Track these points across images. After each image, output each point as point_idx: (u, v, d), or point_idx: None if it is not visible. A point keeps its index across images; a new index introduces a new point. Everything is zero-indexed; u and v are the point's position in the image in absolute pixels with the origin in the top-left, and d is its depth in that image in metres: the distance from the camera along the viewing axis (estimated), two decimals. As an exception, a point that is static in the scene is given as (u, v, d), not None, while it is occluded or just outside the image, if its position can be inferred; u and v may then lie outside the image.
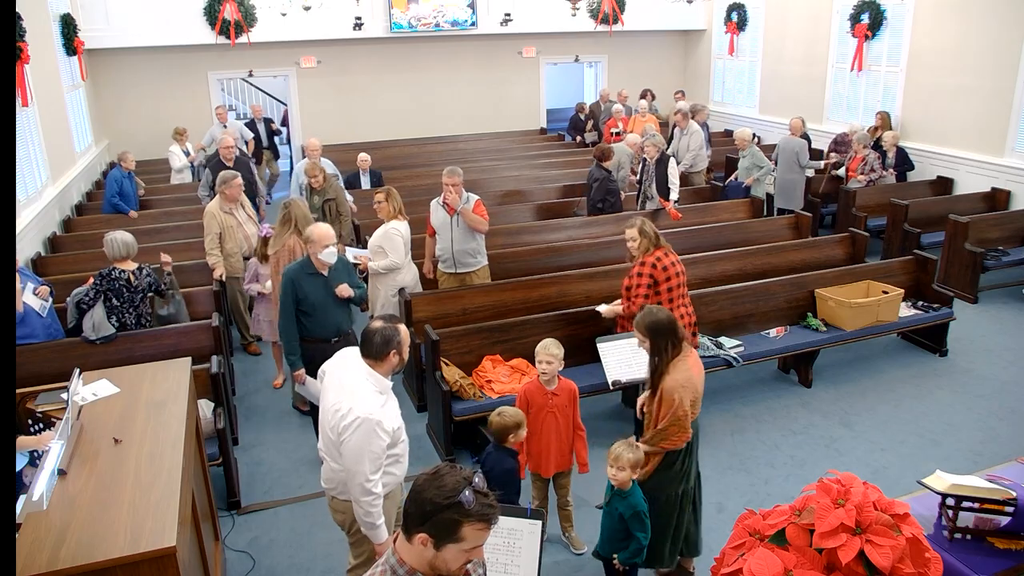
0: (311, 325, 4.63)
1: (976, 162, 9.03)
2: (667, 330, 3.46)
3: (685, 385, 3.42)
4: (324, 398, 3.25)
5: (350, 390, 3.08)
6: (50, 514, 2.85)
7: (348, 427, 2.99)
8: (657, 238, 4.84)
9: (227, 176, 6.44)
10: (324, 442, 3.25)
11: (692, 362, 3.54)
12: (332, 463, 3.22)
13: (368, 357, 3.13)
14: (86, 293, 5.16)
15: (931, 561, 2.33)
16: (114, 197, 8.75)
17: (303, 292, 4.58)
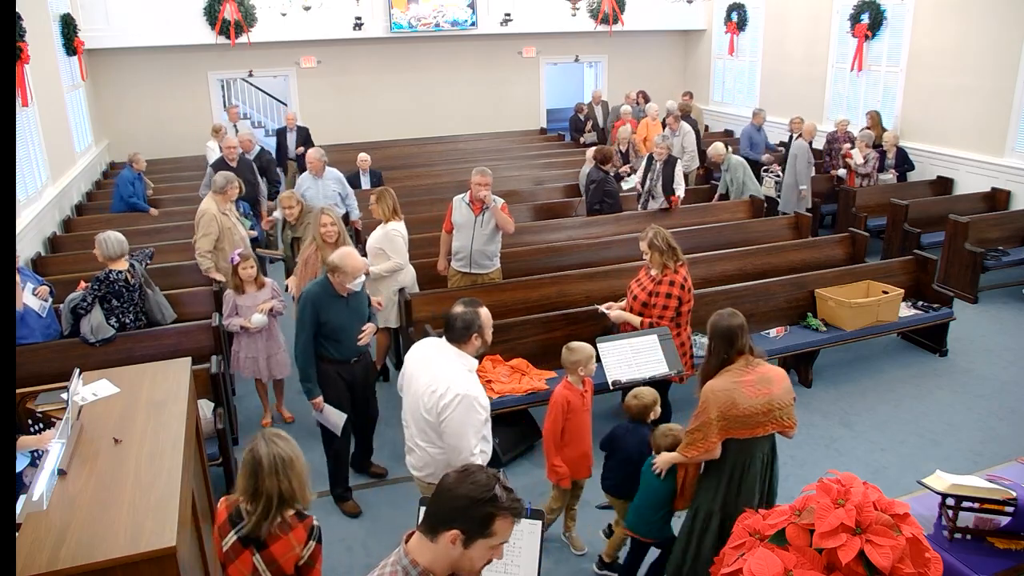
0: (333, 347, 4.39)
1: (976, 162, 9.03)
2: (724, 336, 3.37)
3: (718, 393, 3.26)
4: (414, 383, 3.31)
5: (443, 371, 3.17)
6: (50, 514, 2.85)
7: (448, 405, 3.08)
8: (674, 252, 4.71)
9: (230, 177, 6.39)
10: (416, 428, 3.32)
11: (746, 380, 3.27)
12: (428, 447, 3.28)
13: (452, 341, 3.24)
14: (82, 298, 5.11)
15: (931, 561, 2.33)
16: (131, 197, 8.82)
17: (326, 315, 4.30)
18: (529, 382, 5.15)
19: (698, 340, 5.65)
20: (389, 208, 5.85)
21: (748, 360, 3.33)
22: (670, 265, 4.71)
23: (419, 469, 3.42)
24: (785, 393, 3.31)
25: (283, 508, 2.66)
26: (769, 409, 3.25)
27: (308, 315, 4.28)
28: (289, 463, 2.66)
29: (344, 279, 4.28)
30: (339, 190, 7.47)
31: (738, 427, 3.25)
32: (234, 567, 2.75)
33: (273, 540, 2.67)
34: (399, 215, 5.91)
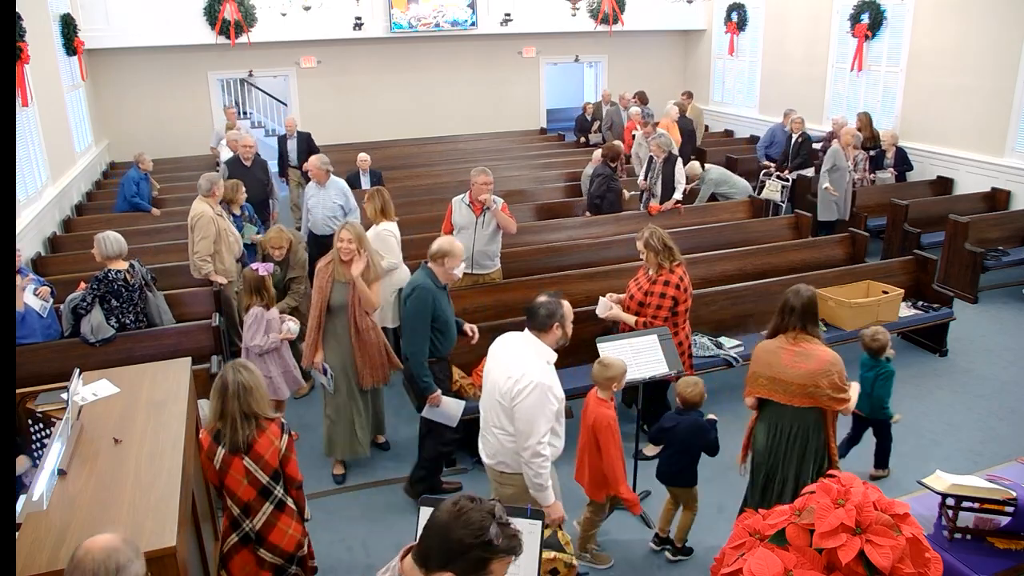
0: (439, 342, 4.31)
1: (976, 162, 9.03)
2: (780, 308, 3.67)
3: (760, 352, 3.69)
4: (493, 370, 3.37)
5: (521, 358, 3.24)
6: (50, 514, 2.85)
7: (522, 391, 3.13)
8: (670, 251, 4.72)
9: (214, 178, 6.30)
10: (492, 415, 3.36)
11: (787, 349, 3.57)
12: (500, 434, 3.33)
13: (533, 329, 3.30)
14: (82, 298, 5.11)
15: (931, 561, 2.33)
16: (134, 197, 8.82)
17: (439, 308, 4.22)
18: (529, 382, 5.14)
19: (697, 340, 5.66)
20: (377, 208, 5.82)
21: (797, 334, 3.59)
22: (666, 265, 4.72)
23: (490, 456, 3.45)
24: (823, 376, 3.48)
25: (248, 422, 3.16)
26: (805, 384, 3.49)
27: (427, 308, 4.16)
28: (249, 390, 3.15)
29: (452, 264, 4.26)
30: (340, 202, 7.05)
31: (776, 390, 3.58)
32: (230, 477, 3.18)
33: (255, 441, 3.17)
34: (388, 216, 5.84)
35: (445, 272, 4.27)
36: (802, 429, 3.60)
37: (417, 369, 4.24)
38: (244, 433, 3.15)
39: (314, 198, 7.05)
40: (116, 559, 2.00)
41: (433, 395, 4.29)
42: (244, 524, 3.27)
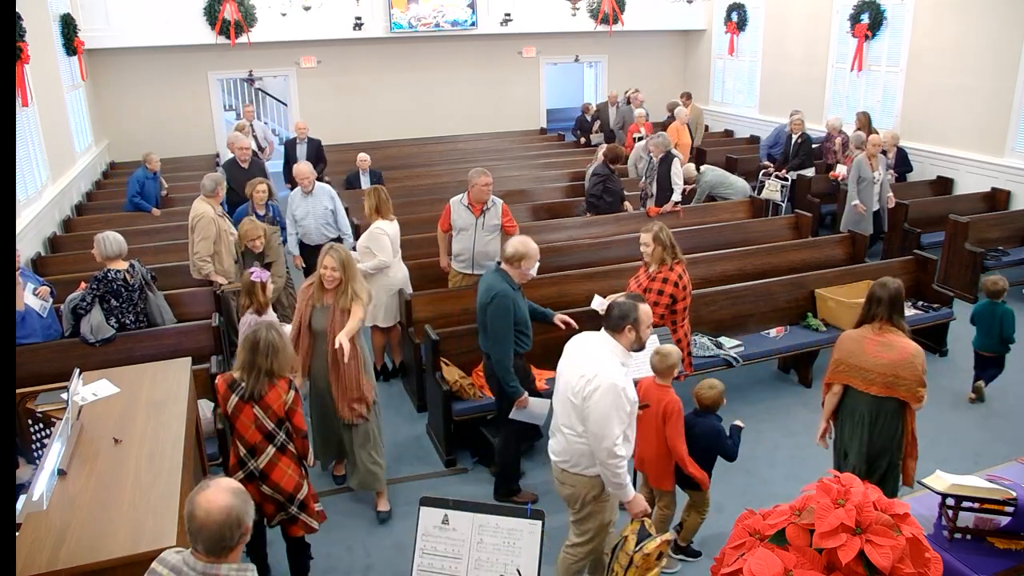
0: (523, 342, 4.39)
1: (976, 162, 9.03)
2: (868, 298, 3.87)
3: (844, 340, 3.91)
4: (566, 370, 3.37)
5: (596, 357, 3.24)
6: (50, 514, 2.85)
7: (596, 391, 3.13)
8: (674, 249, 4.76)
9: (218, 178, 6.30)
10: (563, 414, 3.36)
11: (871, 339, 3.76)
12: (569, 433, 3.32)
13: (608, 329, 3.32)
14: (82, 298, 5.10)
15: (931, 561, 2.33)
16: (135, 196, 8.77)
17: (518, 310, 4.28)
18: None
19: (697, 340, 5.66)
20: (372, 207, 5.82)
21: (882, 325, 3.76)
22: (667, 261, 4.73)
23: (558, 455, 3.45)
24: (905, 367, 3.64)
25: (267, 378, 3.52)
26: (883, 372, 3.67)
27: (509, 313, 4.21)
28: (277, 350, 3.52)
29: (529, 265, 4.29)
30: (331, 207, 6.81)
31: (855, 376, 3.77)
32: (240, 421, 3.57)
33: (265, 394, 3.54)
34: (383, 214, 5.82)
35: (521, 273, 4.32)
36: (879, 417, 3.75)
37: (503, 374, 4.28)
38: (259, 386, 3.53)
39: (302, 207, 6.71)
40: (236, 515, 2.17)
41: (521, 399, 4.32)
42: (250, 463, 3.62)
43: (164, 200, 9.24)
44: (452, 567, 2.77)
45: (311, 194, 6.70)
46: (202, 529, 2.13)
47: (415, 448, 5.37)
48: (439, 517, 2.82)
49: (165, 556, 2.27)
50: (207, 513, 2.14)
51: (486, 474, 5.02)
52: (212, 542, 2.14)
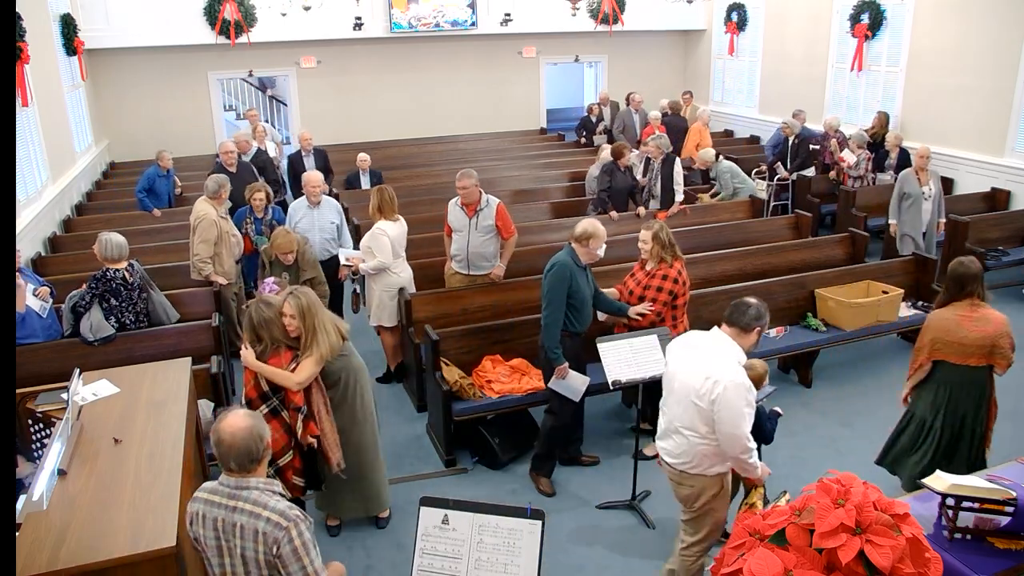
0: (576, 319, 4.53)
1: (976, 162, 9.03)
2: (955, 279, 4.08)
3: (937, 321, 4.12)
4: (683, 370, 3.38)
5: (718, 358, 3.27)
6: (50, 514, 2.85)
7: (724, 392, 3.16)
8: (673, 247, 4.80)
9: (221, 180, 6.30)
10: (683, 413, 3.36)
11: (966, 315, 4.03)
12: (691, 435, 3.34)
13: (735, 326, 3.33)
14: (81, 296, 5.12)
15: (931, 561, 2.33)
16: (141, 192, 8.73)
17: (576, 285, 4.45)
18: (529, 382, 5.15)
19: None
20: (374, 207, 5.81)
21: (973, 302, 4.03)
22: (667, 259, 4.75)
23: (675, 456, 3.47)
24: (1003, 336, 4.01)
25: (274, 343, 3.83)
26: (983, 344, 3.99)
27: (564, 282, 4.38)
28: (269, 322, 3.84)
29: (596, 245, 4.45)
30: (337, 221, 6.49)
31: (951, 352, 4.05)
32: (245, 374, 3.88)
33: (268, 360, 3.83)
34: (384, 214, 5.78)
35: (588, 252, 4.48)
36: (971, 386, 4.12)
37: (549, 341, 4.45)
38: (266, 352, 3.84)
39: (307, 219, 6.33)
40: (257, 431, 2.48)
41: (561, 366, 4.44)
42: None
43: (178, 199, 9.20)
44: (452, 567, 2.77)
45: (318, 206, 6.36)
46: (231, 449, 2.42)
47: (415, 448, 5.37)
48: (439, 517, 2.82)
49: (201, 488, 2.57)
50: (232, 435, 2.42)
51: (486, 474, 5.02)
52: (243, 458, 2.44)
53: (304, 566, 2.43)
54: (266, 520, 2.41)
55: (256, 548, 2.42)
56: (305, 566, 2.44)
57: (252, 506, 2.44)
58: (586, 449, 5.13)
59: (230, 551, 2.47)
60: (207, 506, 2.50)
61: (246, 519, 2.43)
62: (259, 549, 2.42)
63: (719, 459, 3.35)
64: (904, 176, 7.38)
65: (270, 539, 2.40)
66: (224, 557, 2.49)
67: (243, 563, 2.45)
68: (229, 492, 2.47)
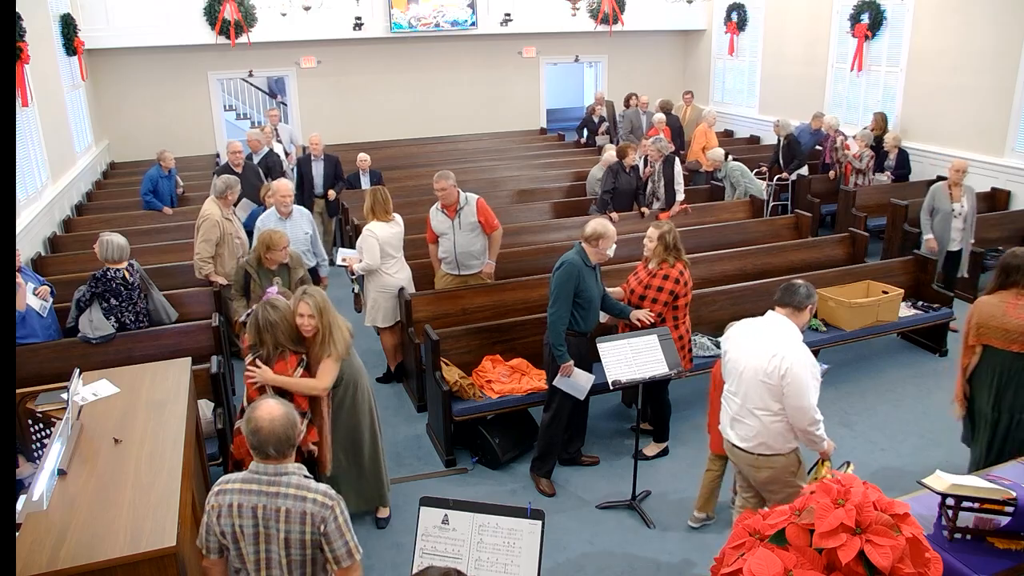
0: (582, 318, 4.54)
1: (976, 162, 9.01)
2: (1003, 268, 4.18)
3: (982, 306, 4.22)
4: (746, 354, 3.53)
5: (780, 338, 3.45)
6: (50, 514, 2.85)
7: (790, 368, 3.34)
8: (677, 250, 4.80)
9: (231, 181, 6.30)
10: (753, 395, 3.49)
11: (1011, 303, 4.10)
12: (763, 415, 3.48)
13: (789, 306, 3.53)
14: (84, 293, 5.15)
15: (931, 561, 2.33)
16: (147, 194, 8.74)
17: (584, 284, 4.46)
18: (529, 382, 5.15)
19: (697, 340, 5.66)
20: (368, 207, 5.79)
21: (1019, 292, 4.12)
22: (669, 260, 4.76)
23: (747, 440, 3.57)
24: None
25: (278, 348, 3.80)
26: None
27: (571, 281, 4.40)
28: (275, 325, 3.79)
29: (606, 245, 4.47)
30: (311, 231, 6.17)
31: (996, 337, 4.14)
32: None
33: (275, 364, 3.80)
34: (378, 216, 5.74)
35: (598, 253, 4.51)
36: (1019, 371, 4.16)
37: (555, 338, 4.46)
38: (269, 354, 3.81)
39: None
40: (292, 418, 2.60)
41: (566, 364, 4.46)
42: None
43: (181, 198, 9.20)
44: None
45: (289, 217, 5.95)
46: (271, 435, 2.50)
47: (415, 448, 5.37)
48: (439, 517, 2.82)
49: (224, 482, 2.60)
50: (271, 421, 2.51)
51: (486, 474, 5.02)
52: (282, 444, 2.53)
53: (347, 541, 2.57)
54: (312, 501, 2.51)
55: (303, 529, 2.51)
56: (348, 541, 2.57)
57: (296, 490, 2.52)
58: (586, 449, 5.13)
59: (268, 537, 2.53)
60: (243, 496, 2.53)
61: (291, 503, 2.51)
62: (306, 530, 2.51)
63: (792, 434, 3.52)
64: (934, 190, 6.93)
65: (317, 518, 2.51)
66: (261, 544, 2.55)
67: (285, 546, 2.53)
68: (269, 479, 2.53)
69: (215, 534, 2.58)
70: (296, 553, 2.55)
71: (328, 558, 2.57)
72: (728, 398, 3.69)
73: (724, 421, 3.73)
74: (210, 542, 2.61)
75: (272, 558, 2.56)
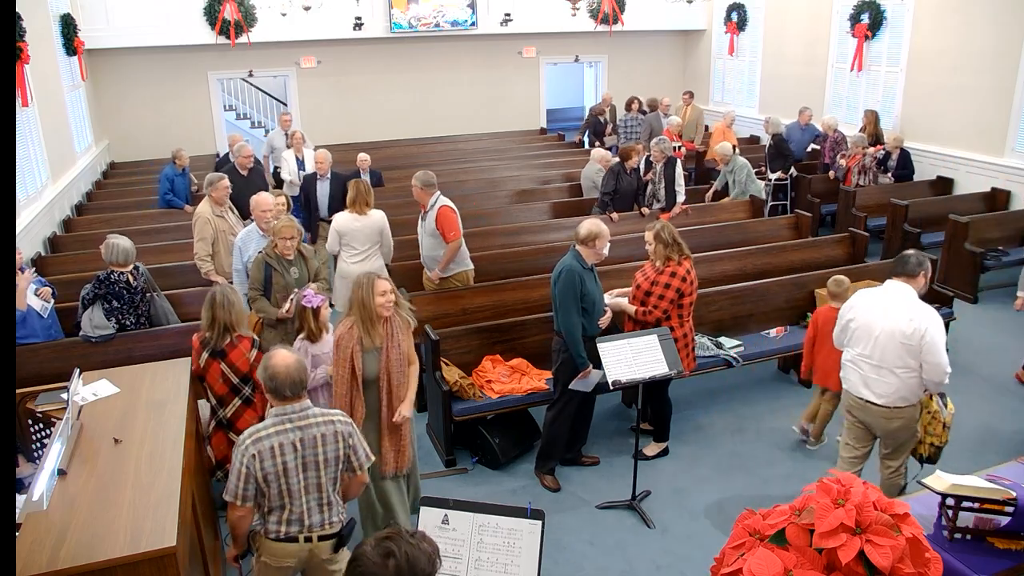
0: (587, 321, 4.53)
1: (976, 162, 9.03)
2: None
3: None
4: (879, 321, 3.85)
5: (912, 303, 3.82)
6: (50, 514, 2.85)
7: (928, 328, 3.73)
8: (679, 246, 4.81)
9: (213, 178, 6.24)
10: (893, 357, 3.82)
11: None
12: (903, 372, 3.84)
13: (903, 274, 3.89)
14: (88, 292, 5.16)
15: (931, 561, 2.33)
16: (167, 194, 8.83)
17: (586, 288, 4.46)
18: (529, 382, 5.15)
19: (697, 340, 5.65)
20: (350, 198, 5.93)
21: None
22: (673, 257, 4.77)
23: (885, 396, 3.90)
24: None
25: (229, 331, 4.02)
26: None
27: (575, 287, 4.42)
28: (231, 304, 4.02)
29: (602, 244, 4.48)
30: None
31: None
32: (210, 375, 4.07)
33: (231, 350, 4.08)
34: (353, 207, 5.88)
35: (595, 253, 4.52)
36: None
37: (575, 347, 4.48)
38: (223, 343, 4.05)
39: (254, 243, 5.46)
40: (302, 363, 2.99)
41: (586, 369, 4.51)
42: (219, 413, 4.19)
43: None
44: (452, 567, 2.77)
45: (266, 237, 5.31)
46: (287, 378, 2.88)
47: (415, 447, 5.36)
48: (439, 517, 2.82)
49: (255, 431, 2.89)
50: (286, 368, 2.89)
51: (486, 474, 5.02)
52: (297, 385, 2.92)
53: (365, 448, 3.08)
54: (338, 422, 2.98)
55: (337, 446, 2.96)
56: (365, 448, 3.08)
57: (322, 417, 2.96)
58: (586, 449, 5.13)
59: (306, 464, 2.91)
60: (280, 436, 2.87)
61: (324, 428, 2.94)
62: (339, 446, 2.97)
63: (922, 387, 3.92)
64: None
65: (344, 433, 2.98)
66: (300, 473, 2.91)
67: (324, 465, 2.94)
68: (299, 416, 2.92)
69: (256, 480, 2.85)
70: (331, 471, 2.97)
71: (354, 465, 3.03)
72: (858, 361, 3.98)
73: (854, 381, 4.01)
74: (247, 490, 2.86)
75: (310, 483, 2.94)
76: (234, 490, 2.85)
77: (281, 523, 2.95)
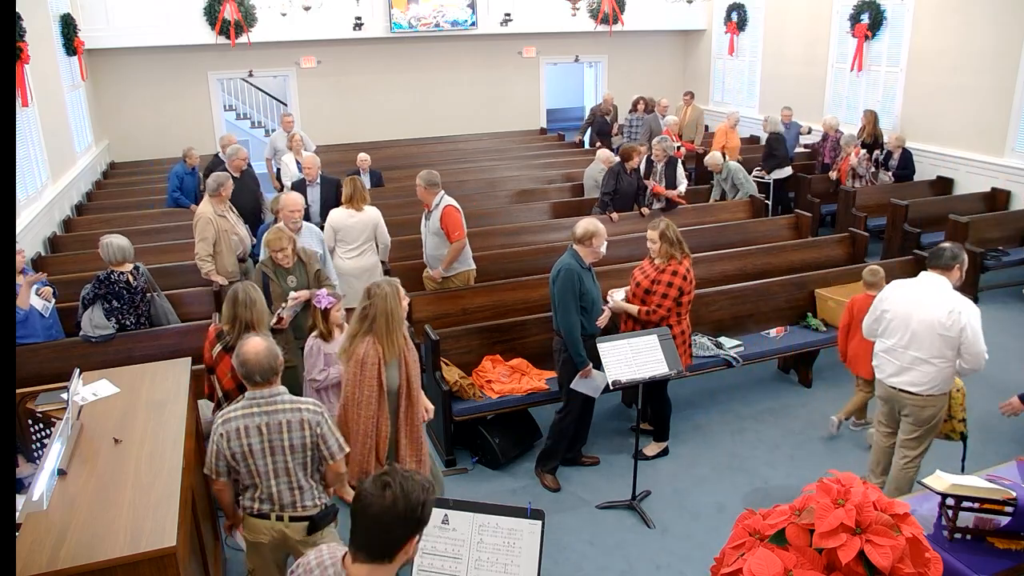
0: (587, 321, 4.55)
1: (976, 162, 9.03)
2: None
3: None
4: (917, 313, 3.93)
5: (949, 295, 3.88)
6: (50, 514, 2.85)
7: (968, 320, 3.79)
8: (681, 245, 4.82)
9: (221, 179, 6.28)
10: (930, 347, 3.90)
11: None
12: (939, 362, 3.91)
13: (938, 267, 3.96)
14: (88, 292, 5.17)
15: (931, 561, 2.33)
16: (175, 192, 8.85)
17: (584, 287, 4.48)
18: (529, 382, 5.15)
19: (697, 340, 5.66)
20: (345, 194, 5.99)
21: None
22: (676, 256, 4.77)
23: (920, 384, 3.99)
24: None
25: (248, 330, 3.77)
26: None
27: (574, 286, 4.43)
28: (253, 302, 3.90)
29: (599, 242, 4.48)
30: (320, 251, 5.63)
31: None
32: (220, 368, 3.99)
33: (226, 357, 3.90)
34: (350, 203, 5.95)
35: (593, 252, 4.53)
36: None
37: (574, 346, 4.49)
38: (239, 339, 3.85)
39: None
40: (273, 350, 3.05)
41: (586, 368, 4.52)
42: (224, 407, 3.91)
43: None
44: (452, 567, 2.77)
45: (298, 234, 5.37)
46: (257, 365, 2.97)
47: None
48: (439, 517, 2.82)
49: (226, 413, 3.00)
50: (256, 355, 2.97)
51: (486, 474, 5.02)
52: (266, 371, 2.99)
53: (337, 438, 3.09)
54: (306, 410, 3.02)
55: (303, 434, 3.00)
56: (337, 438, 3.10)
57: (291, 404, 3.02)
58: (586, 449, 5.13)
59: (273, 449, 2.99)
60: (247, 418, 2.97)
61: (290, 415, 3.00)
62: (306, 434, 3.01)
63: (955, 374, 4.01)
64: None
65: (313, 422, 3.01)
66: (267, 456, 2.99)
67: (291, 451, 3.00)
68: (267, 400, 2.99)
69: (225, 458, 2.99)
70: (299, 457, 3.02)
71: (324, 455, 3.07)
72: (893, 351, 4.06)
73: (888, 371, 4.10)
74: (219, 466, 3.02)
75: (279, 467, 3.01)
76: (210, 464, 3.04)
77: (254, 500, 3.09)
